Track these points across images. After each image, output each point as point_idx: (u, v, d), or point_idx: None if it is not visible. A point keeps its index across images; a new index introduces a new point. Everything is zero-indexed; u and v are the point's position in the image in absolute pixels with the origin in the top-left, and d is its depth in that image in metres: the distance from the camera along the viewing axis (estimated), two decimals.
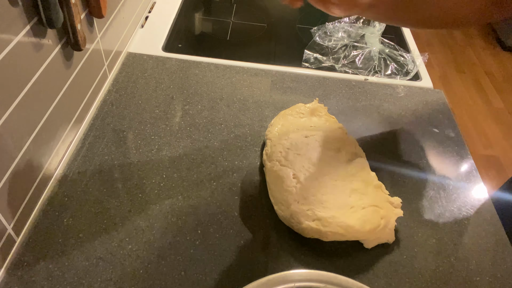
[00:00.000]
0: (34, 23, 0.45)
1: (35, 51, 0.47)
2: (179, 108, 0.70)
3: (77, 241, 0.51)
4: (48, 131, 0.53)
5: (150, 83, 0.74)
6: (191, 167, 0.60)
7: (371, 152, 0.64)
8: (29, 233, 0.51)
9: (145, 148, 0.62)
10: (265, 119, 0.69)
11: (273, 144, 0.59)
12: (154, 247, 0.51)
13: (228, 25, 0.95)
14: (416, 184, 0.61)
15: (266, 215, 0.55)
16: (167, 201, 0.56)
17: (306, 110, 0.64)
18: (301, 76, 0.80)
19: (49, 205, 0.54)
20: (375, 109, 0.74)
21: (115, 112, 0.68)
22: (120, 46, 0.76)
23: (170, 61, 0.79)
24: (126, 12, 0.76)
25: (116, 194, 0.56)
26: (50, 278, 0.47)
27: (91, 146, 0.62)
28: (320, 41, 0.86)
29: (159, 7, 0.95)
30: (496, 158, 1.92)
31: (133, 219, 0.53)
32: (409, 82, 0.80)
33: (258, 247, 0.52)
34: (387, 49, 0.84)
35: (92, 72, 0.64)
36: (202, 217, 0.54)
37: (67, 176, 0.58)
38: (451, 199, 0.60)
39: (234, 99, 0.73)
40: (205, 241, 0.52)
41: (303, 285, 0.41)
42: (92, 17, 0.60)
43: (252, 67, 0.80)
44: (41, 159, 0.52)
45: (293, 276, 0.41)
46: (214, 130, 0.66)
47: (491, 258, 0.53)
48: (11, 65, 0.43)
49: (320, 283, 0.41)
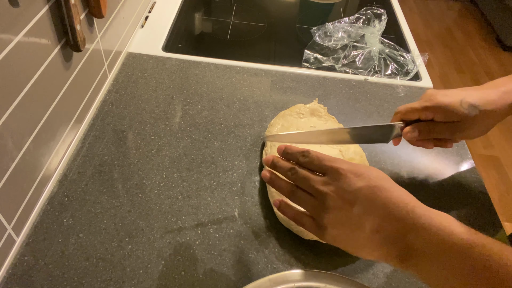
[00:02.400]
0: (34, 23, 0.45)
1: (35, 51, 0.47)
2: (179, 108, 0.70)
3: (77, 241, 0.51)
4: (48, 131, 0.53)
5: (150, 83, 0.74)
6: (191, 167, 0.60)
7: (370, 153, 0.64)
8: (29, 233, 0.51)
9: (145, 148, 0.62)
10: (265, 119, 0.69)
11: (272, 145, 0.59)
12: (154, 247, 0.51)
13: (228, 25, 0.95)
14: (416, 184, 0.61)
15: (266, 215, 0.55)
16: (167, 201, 0.56)
17: (306, 110, 0.64)
18: (301, 76, 0.80)
19: (49, 205, 0.54)
20: (375, 109, 0.74)
21: (115, 112, 0.68)
22: (120, 46, 0.76)
23: (170, 61, 0.79)
24: (126, 12, 0.76)
25: (116, 194, 0.56)
26: (50, 278, 0.47)
27: (91, 146, 0.62)
28: (320, 41, 0.86)
29: (159, 7, 0.95)
30: (496, 158, 1.92)
31: (133, 219, 0.53)
32: (409, 82, 0.80)
33: (258, 247, 0.52)
34: (387, 49, 0.84)
35: (92, 72, 0.64)
36: (202, 217, 0.54)
37: (67, 176, 0.58)
38: (451, 199, 0.60)
39: (234, 99, 0.73)
40: (205, 241, 0.52)
41: (303, 285, 0.41)
42: (92, 17, 0.60)
43: (252, 67, 0.80)
44: (41, 159, 0.52)
45: (293, 276, 0.41)
46: (214, 130, 0.66)
47: None
48: (11, 65, 0.43)
49: (320, 283, 0.41)
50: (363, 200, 0.38)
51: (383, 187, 0.38)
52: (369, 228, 0.38)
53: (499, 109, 0.52)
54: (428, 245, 0.35)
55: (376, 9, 0.88)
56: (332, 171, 0.40)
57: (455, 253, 0.34)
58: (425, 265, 0.36)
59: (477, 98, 0.51)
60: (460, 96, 0.51)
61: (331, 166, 0.41)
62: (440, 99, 0.52)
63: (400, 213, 0.37)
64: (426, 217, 0.36)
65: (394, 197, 0.38)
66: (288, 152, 0.46)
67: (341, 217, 0.39)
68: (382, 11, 0.88)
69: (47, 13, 0.48)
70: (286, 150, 0.46)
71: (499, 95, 0.52)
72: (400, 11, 1.05)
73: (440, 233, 0.35)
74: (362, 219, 0.38)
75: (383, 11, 0.88)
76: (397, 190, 0.39)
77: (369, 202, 0.38)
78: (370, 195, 0.38)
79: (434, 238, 0.35)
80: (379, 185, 0.39)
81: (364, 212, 0.38)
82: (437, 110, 0.52)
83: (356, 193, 0.38)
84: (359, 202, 0.38)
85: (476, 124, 0.52)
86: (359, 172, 0.40)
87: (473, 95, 0.51)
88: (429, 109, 0.52)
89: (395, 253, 0.37)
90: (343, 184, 0.39)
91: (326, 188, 0.40)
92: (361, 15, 0.89)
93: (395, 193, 0.38)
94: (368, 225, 0.38)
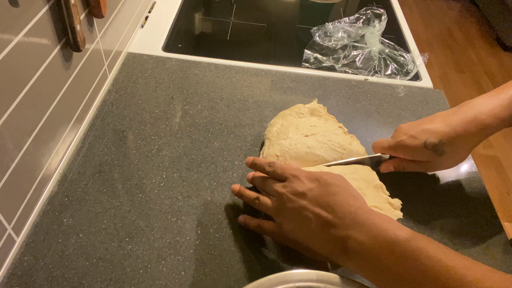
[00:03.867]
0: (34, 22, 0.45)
1: (35, 51, 0.47)
2: (179, 108, 0.70)
3: (77, 241, 0.51)
4: (48, 131, 0.53)
5: (150, 83, 0.74)
6: (191, 167, 0.60)
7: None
8: (29, 233, 0.51)
9: (145, 148, 0.62)
10: (265, 119, 0.69)
11: (271, 144, 0.59)
12: (154, 247, 0.51)
13: (228, 25, 0.95)
14: (416, 185, 0.61)
15: (266, 215, 0.55)
16: (167, 201, 0.56)
17: (305, 110, 0.64)
18: (301, 76, 0.80)
19: (49, 205, 0.54)
20: (375, 109, 0.74)
21: (115, 112, 0.68)
22: (120, 46, 0.76)
23: (170, 61, 0.79)
24: (126, 12, 0.76)
25: (116, 194, 0.56)
26: (50, 278, 0.47)
27: (91, 146, 0.62)
28: (320, 41, 0.86)
29: (159, 7, 0.95)
30: (496, 158, 1.92)
31: (133, 219, 0.53)
32: (409, 82, 0.80)
33: (258, 247, 0.52)
34: (387, 49, 0.84)
35: (92, 72, 0.64)
36: (202, 217, 0.54)
37: (67, 176, 0.58)
38: (451, 200, 0.60)
39: (234, 99, 0.73)
40: (205, 241, 0.52)
41: (303, 285, 0.41)
42: (92, 17, 0.60)
43: (252, 67, 0.80)
44: (41, 159, 0.52)
45: (293, 276, 0.41)
46: (214, 130, 0.66)
47: (491, 258, 0.53)
48: (11, 65, 0.43)
49: (320, 283, 0.41)
50: (311, 197, 0.45)
51: (333, 190, 0.45)
52: (316, 222, 0.43)
53: (468, 138, 0.52)
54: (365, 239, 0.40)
55: (376, 9, 0.88)
56: (291, 176, 0.48)
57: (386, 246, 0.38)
58: (362, 258, 0.40)
59: (442, 135, 0.52)
60: (425, 136, 0.53)
61: (290, 173, 0.48)
62: (406, 142, 0.55)
63: (343, 212, 0.42)
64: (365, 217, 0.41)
65: (341, 198, 0.44)
66: (256, 163, 0.53)
67: (292, 212, 0.45)
68: (382, 11, 0.88)
69: (47, 13, 0.48)
70: (254, 161, 0.54)
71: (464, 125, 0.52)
72: (400, 11, 1.05)
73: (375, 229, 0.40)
74: (309, 212, 0.44)
75: (383, 11, 0.88)
76: (346, 193, 0.45)
77: (316, 199, 0.44)
78: (318, 194, 0.45)
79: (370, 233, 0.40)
80: (330, 187, 0.45)
81: (311, 206, 0.44)
82: (404, 151, 0.55)
83: (307, 191, 0.45)
84: (307, 199, 0.45)
85: (448, 158, 0.54)
86: (314, 177, 0.47)
87: (438, 132, 0.52)
88: (397, 149, 0.56)
89: (339, 249, 0.42)
90: (297, 185, 0.46)
91: (284, 189, 0.47)
92: (361, 15, 0.89)
93: (343, 195, 0.44)
94: (315, 219, 0.43)
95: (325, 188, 0.45)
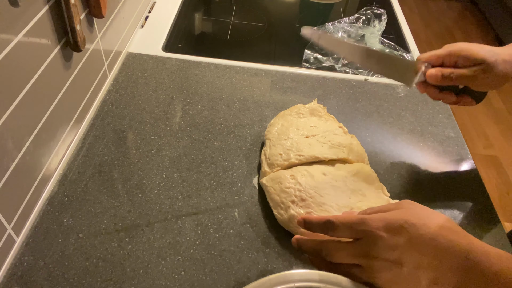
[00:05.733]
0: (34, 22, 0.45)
1: (35, 51, 0.47)
2: (179, 108, 0.70)
3: (77, 241, 0.51)
4: (48, 131, 0.53)
5: (150, 83, 0.74)
6: (191, 167, 0.60)
7: (371, 152, 0.64)
8: (29, 233, 0.51)
9: (145, 148, 0.62)
10: (265, 119, 0.69)
11: (272, 145, 0.59)
12: (154, 247, 0.51)
13: (228, 25, 0.95)
14: (416, 185, 0.61)
15: (266, 215, 0.55)
16: (167, 201, 0.56)
17: (305, 110, 0.64)
18: (301, 76, 0.80)
19: (49, 205, 0.54)
20: (375, 109, 0.74)
21: (115, 112, 0.68)
22: (120, 46, 0.76)
23: (170, 61, 0.79)
24: (126, 12, 0.76)
25: (116, 194, 0.56)
26: (50, 278, 0.47)
27: (91, 146, 0.62)
28: None
29: (159, 7, 0.95)
30: (496, 158, 1.92)
31: (133, 219, 0.53)
32: None
33: (258, 247, 0.52)
34: (387, 49, 0.84)
35: (92, 72, 0.64)
36: (202, 217, 0.54)
37: (67, 176, 0.58)
38: (451, 200, 0.60)
39: (234, 99, 0.73)
40: (205, 241, 0.52)
41: (303, 285, 0.41)
42: (92, 17, 0.60)
43: (252, 67, 0.80)
44: (41, 159, 0.52)
45: (293, 276, 0.41)
46: (214, 130, 0.66)
47: None
48: (11, 65, 0.43)
49: (320, 283, 0.41)
50: (410, 258, 0.36)
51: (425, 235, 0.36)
52: (426, 282, 0.35)
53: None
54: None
55: (376, 9, 0.88)
56: (365, 235, 0.37)
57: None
58: None
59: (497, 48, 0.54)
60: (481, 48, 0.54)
61: (363, 230, 0.38)
62: (462, 44, 0.54)
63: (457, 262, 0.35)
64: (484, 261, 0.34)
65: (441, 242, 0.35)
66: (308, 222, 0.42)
67: (394, 278, 0.37)
68: (382, 11, 0.88)
69: (47, 13, 0.48)
70: (306, 221, 0.42)
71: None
72: (400, 11, 1.05)
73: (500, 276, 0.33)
74: (415, 276, 0.36)
75: (383, 11, 0.88)
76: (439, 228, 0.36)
77: (416, 257, 0.36)
78: (415, 251, 0.36)
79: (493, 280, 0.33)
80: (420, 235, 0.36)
81: (416, 269, 0.35)
82: (460, 53, 0.54)
83: (400, 253, 0.36)
84: (407, 261, 0.36)
85: (496, 70, 0.53)
86: (393, 227, 0.37)
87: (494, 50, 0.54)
88: (453, 53, 0.54)
89: None
90: (383, 249, 0.37)
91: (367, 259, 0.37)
92: (361, 15, 0.89)
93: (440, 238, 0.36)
94: (424, 279, 0.35)
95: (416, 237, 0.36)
